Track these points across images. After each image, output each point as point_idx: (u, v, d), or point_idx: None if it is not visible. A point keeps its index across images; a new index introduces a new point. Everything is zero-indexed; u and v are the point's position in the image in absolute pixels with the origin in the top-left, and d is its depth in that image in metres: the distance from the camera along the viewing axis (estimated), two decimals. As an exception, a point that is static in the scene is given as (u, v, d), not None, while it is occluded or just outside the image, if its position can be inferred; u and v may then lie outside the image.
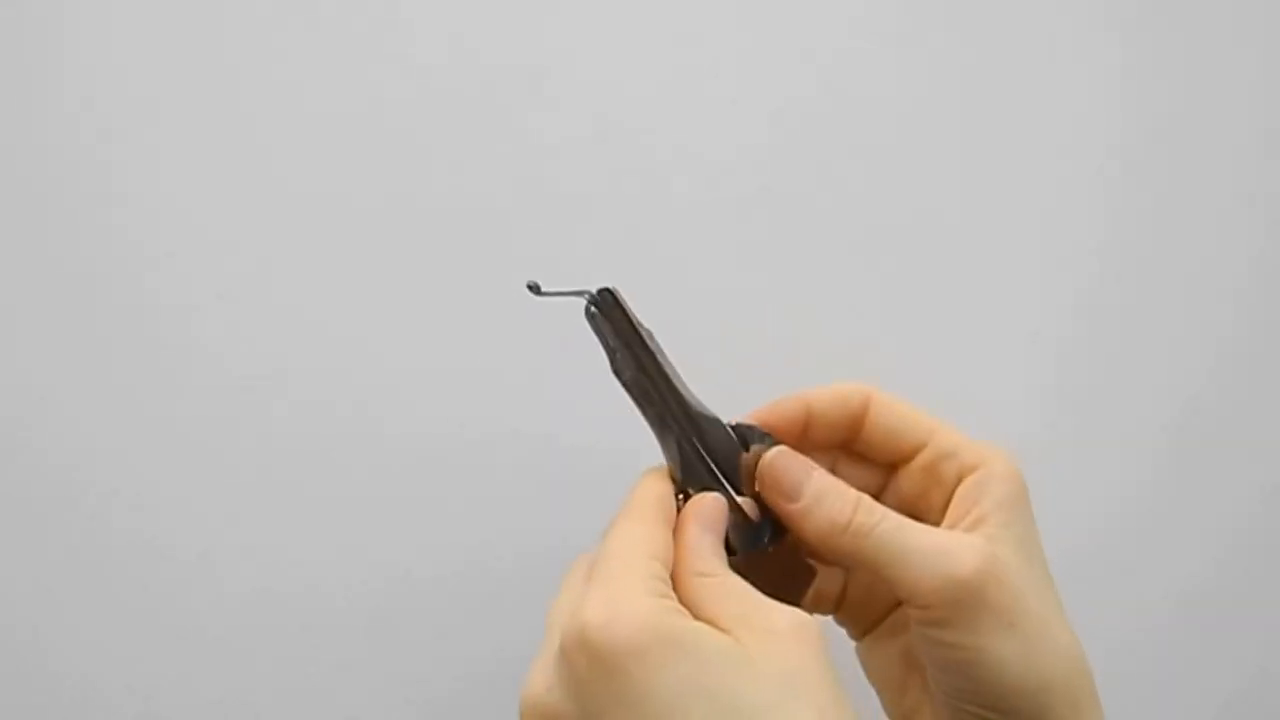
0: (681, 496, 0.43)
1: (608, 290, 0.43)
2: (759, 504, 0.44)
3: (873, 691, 0.49)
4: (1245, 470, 0.64)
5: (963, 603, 0.41)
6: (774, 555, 0.44)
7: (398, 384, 0.58)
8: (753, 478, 0.44)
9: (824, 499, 0.43)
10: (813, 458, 0.45)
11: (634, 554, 0.39)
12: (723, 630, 0.37)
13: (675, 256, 0.58)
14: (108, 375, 0.56)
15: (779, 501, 0.43)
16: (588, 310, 0.43)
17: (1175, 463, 0.63)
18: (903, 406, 0.47)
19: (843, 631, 0.50)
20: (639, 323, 0.43)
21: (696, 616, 0.38)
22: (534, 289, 0.43)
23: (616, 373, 0.43)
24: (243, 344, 0.57)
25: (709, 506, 0.42)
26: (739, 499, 0.44)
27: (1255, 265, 0.64)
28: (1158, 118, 0.62)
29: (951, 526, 0.44)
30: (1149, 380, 0.63)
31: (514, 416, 0.58)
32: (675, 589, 0.39)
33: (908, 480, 0.47)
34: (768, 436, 0.45)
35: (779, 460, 0.44)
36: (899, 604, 0.47)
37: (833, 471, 0.46)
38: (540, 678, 0.38)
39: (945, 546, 0.42)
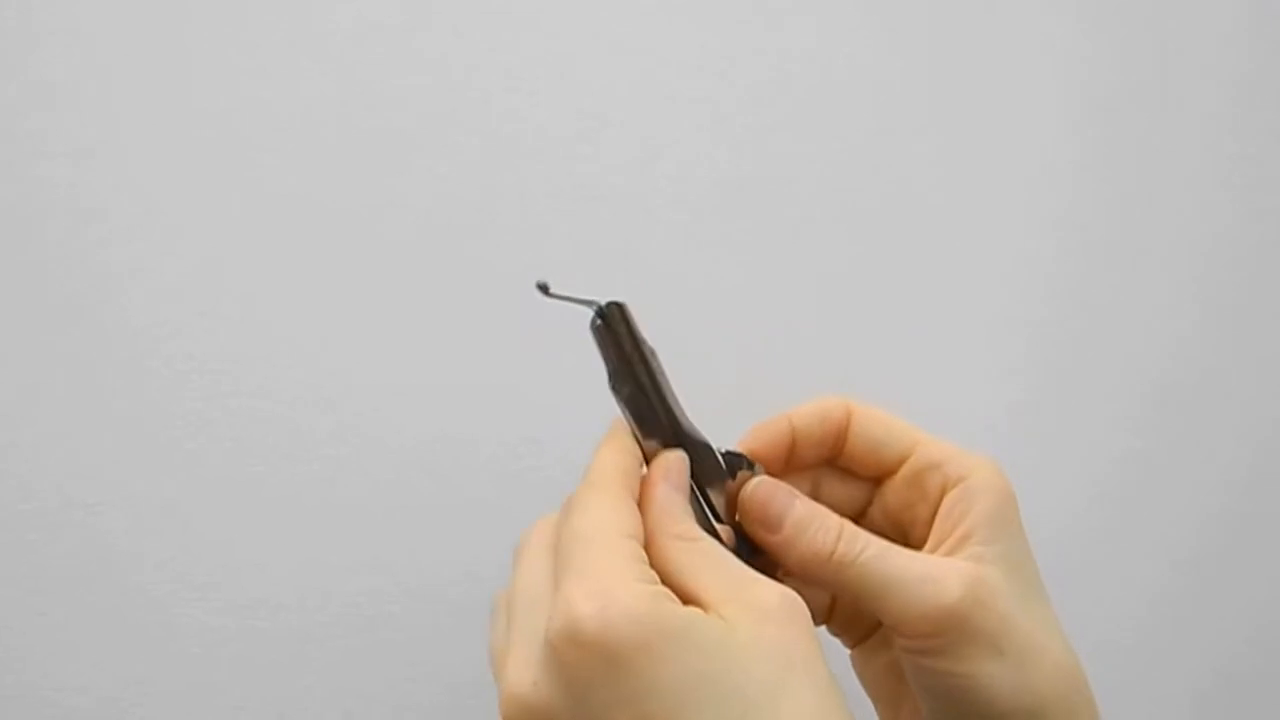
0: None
1: (616, 304, 0.42)
2: (738, 533, 0.44)
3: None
4: (1218, 448, 0.65)
5: (948, 631, 0.40)
6: None
7: (384, 393, 0.58)
8: (734, 506, 0.44)
9: (806, 530, 0.42)
10: (798, 475, 0.45)
11: (610, 534, 0.37)
12: (708, 604, 0.36)
13: (651, 254, 0.59)
14: (91, 393, 0.56)
15: (761, 533, 0.43)
16: (593, 323, 0.42)
17: (1148, 442, 0.64)
18: (884, 417, 0.46)
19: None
20: (643, 340, 0.42)
21: (679, 582, 0.37)
22: (543, 289, 0.41)
23: (614, 388, 0.42)
24: (227, 357, 0.57)
25: (675, 465, 0.41)
26: (717, 526, 0.43)
27: (1223, 242, 0.64)
28: (1122, 95, 0.63)
29: (937, 544, 0.43)
30: (1119, 361, 0.64)
31: (500, 425, 0.58)
32: (649, 551, 0.38)
33: (893, 493, 0.46)
34: (754, 465, 0.44)
35: (761, 491, 0.43)
36: None
37: (817, 489, 0.46)
38: (523, 672, 0.36)
39: (929, 575, 0.41)
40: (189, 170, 0.56)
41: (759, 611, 0.36)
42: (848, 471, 0.46)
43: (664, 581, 0.37)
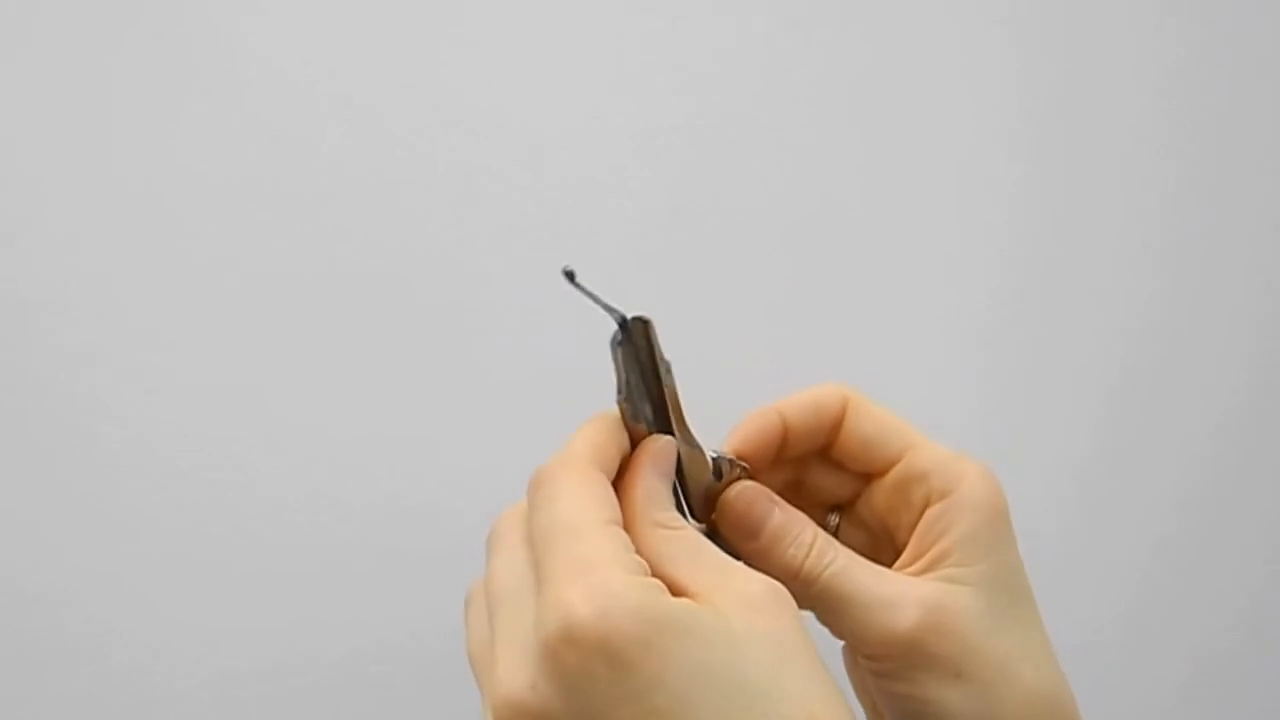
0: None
1: (641, 321, 0.39)
2: (711, 533, 0.43)
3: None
4: (1183, 436, 0.66)
5: (901, 656, 0.40)
6: None
7: (348, 455, 0.57)
8: (713, 505, 0.43)
9: (778, 543, 0.41)
10: (787, 463, 0.44)
11: (594, 522, 0.35)
12: (695, 594, 0.35)
13: (600, 280, 0.59)
14: (51, 479, 0.56)
15: (738, 540, 0.42)
16: (614, 339, 0.39)
17: (1114, 435, 0.65)
18: (879, 415, 0.44)
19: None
20: (660, 355, 0.40)
21: (663, 572, 0.36)
22: (569, 276, 0.38)
23: (620, 401, 0.40)
24: (186, 432, 0.56)
25: (663, 451, 0.40)
26: (691, 523, 0.42)
27: (1178, 232, 0.65)
28: (1073, 95, 0.64)
29: (913, 558, 0.42)
30: (1081, 356, 0.65)
31: (470, 480, 0.58)
32: (629, 535, 0.37)
33: (880, 494, 0.44)
34: (740, 465, 0.43)
35: (742, 497, 0.42)
36: None
37: (805, 476, 0.45)
38: (518, 674, 0.34)
39: (887, 599, 0.40)
40: (122, 249, 0.56)
41: (747, 601, 0.35)
42: (839, 463, 0.45)
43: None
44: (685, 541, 0.37)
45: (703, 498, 0.43)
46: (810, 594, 0.41)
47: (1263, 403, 0.67)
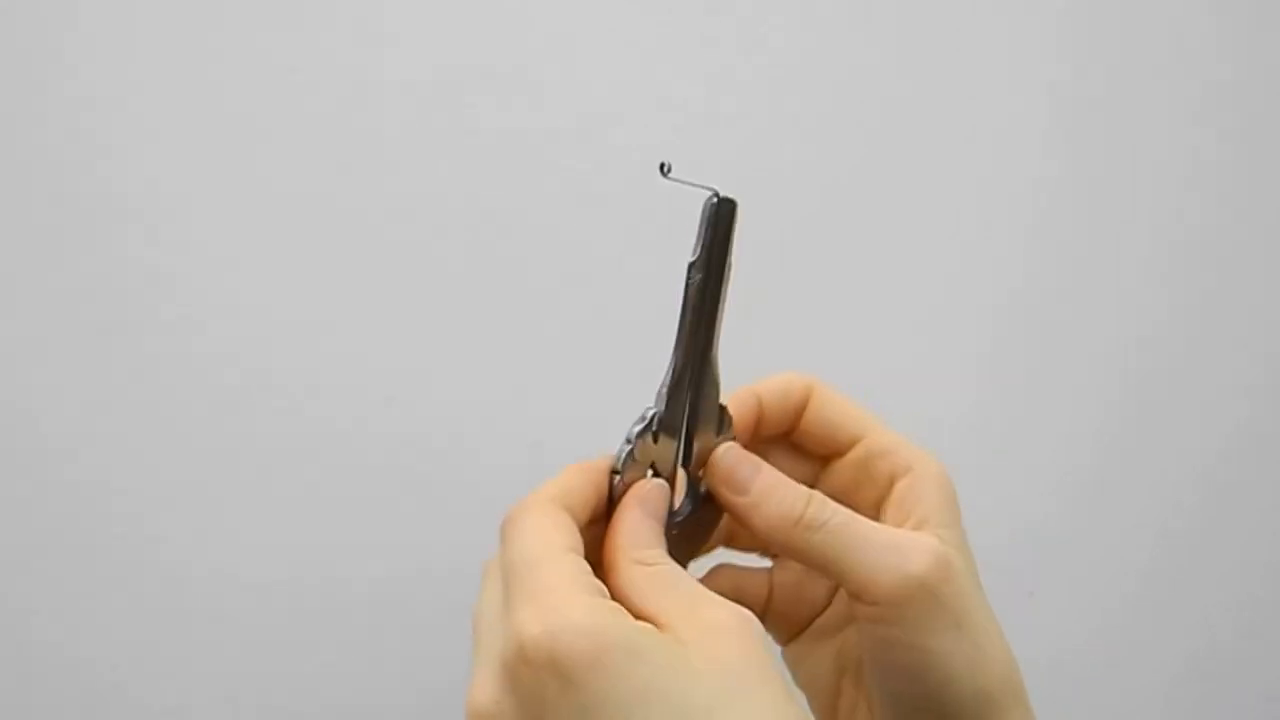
0: (617, 477, 0.43)
1: (730, 201, 0.42)
2: (692, 483, 0.45)
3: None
4: (1185, 436, 0.67)
5: (914, 600, 0.40)
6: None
7: (398, 388, 0.60)
8: (701, 460, 0.45)
9: (773, 494, 0.43)
10: (752, 447, 0.46)
11: (551, 551, 0.38)
12: (664, 625, 0.37)
13: (622, 253, 0.61)
14: (119, 387, 0.59)
15: (727, 495, 0.44)
16: (709, 200, 0.42)
17: (1117, 428, 0.67)
18: (841, 400, 0.46)
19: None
20: (732, 249, 0.43)
21: (635, 605, 0.38)
22: (664, 169, 0.41)
23: (690, 268, 0.43)
24: (245, 351, 0.59)
25: (654, 493, 0.42)
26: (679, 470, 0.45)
27: (1191, 238, 0.66)
28: (1087, 99, 0.65)
29: (897, 525, 0.44)
30: (1087, 351, 0.66)
31: (507, 422, 0.60)
32: (611, 573, 0.39)
33: (840, 474, 0.47)
34: (729, 427, 0.45)
35: (730, 454, 0.44)
36: (826, 606, 0.48)
37: (766, 460, 0.46)
38: (488, 689, 0.37)
39: (898, 543, 0.41)
40: (209, 171, 0.58)
41: (712, 628, 0.36)
42: (797, 448, 0.47)
43: (622, 605, 0.37)
44: (660, 575, 0.39)
45: (697, 442, 0.45)
46: (812, 542, 0.42)
47: (1269, 406, 0.68)
